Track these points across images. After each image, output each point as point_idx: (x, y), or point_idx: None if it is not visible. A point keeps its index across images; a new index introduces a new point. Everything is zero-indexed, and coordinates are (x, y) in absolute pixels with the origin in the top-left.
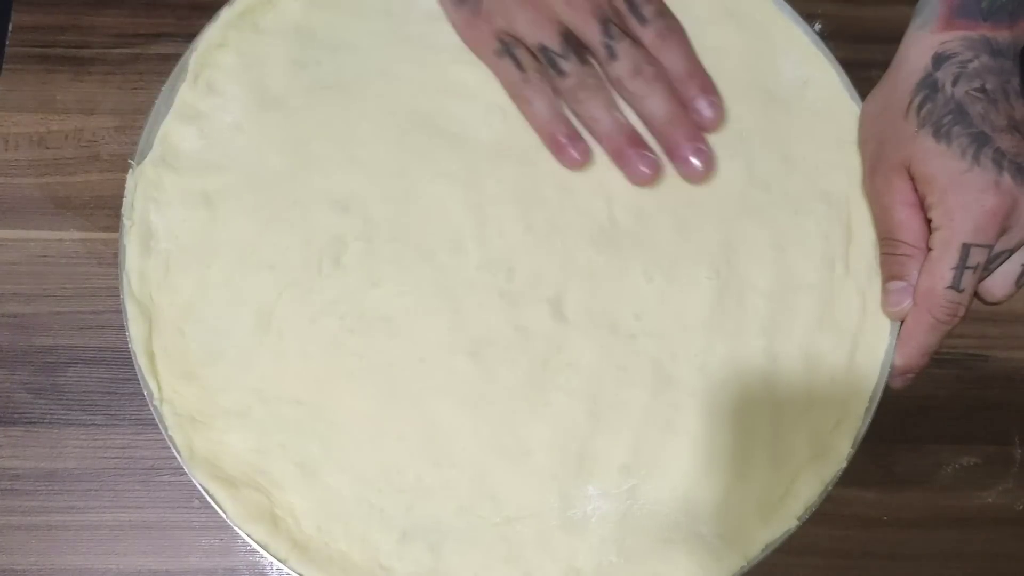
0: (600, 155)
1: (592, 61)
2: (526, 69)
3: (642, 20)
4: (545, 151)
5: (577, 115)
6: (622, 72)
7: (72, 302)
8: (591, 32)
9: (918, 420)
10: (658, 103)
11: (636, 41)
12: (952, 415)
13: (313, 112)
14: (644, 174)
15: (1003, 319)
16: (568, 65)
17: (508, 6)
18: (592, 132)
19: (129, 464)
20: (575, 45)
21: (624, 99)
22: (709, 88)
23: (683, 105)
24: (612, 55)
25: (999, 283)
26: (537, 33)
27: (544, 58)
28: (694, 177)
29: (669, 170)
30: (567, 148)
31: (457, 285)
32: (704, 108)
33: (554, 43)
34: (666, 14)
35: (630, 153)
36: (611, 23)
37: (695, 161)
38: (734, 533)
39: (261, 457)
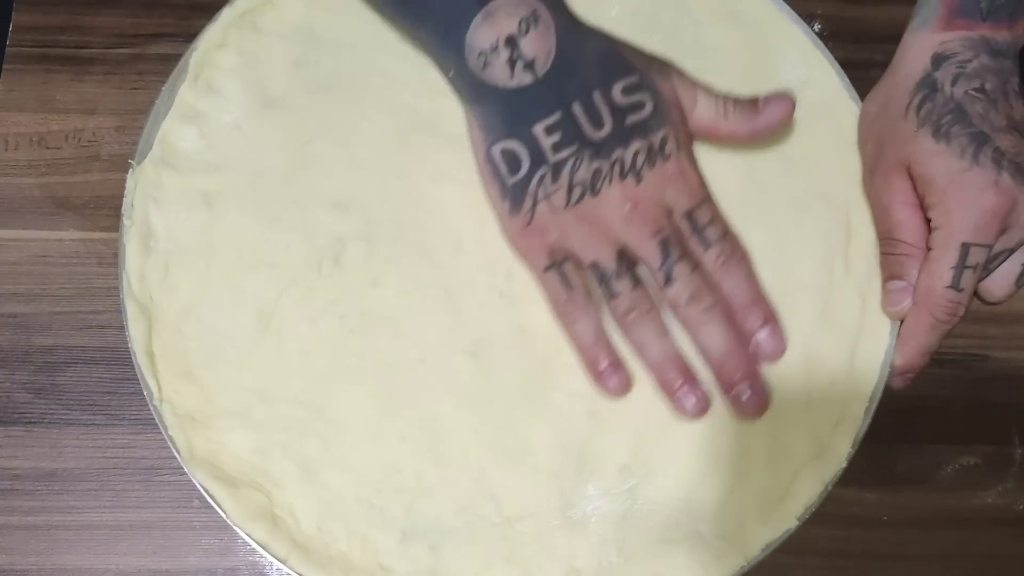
0: None
1: (645, 280)
2: (573, 287)
3: (705, 243)
4: None
5: (627, 338)
6: (679, 297)
7: (72, 302)
8: (649, 253)
9: (918, 420)
10: (715, 334)
11: (696, 263)
12: (952, 415)
13: (313, 112)
14: (692, 410)
15: (1003, 319)
16: (621, 286)
17: (563, 220)
18: (641, 357)
19: (129, 464)
20: (629, 264)
21: (680, 322)
22: (771, 317)
23: (741, 336)
24: (669, 279)
25: (999, 283)
26: (591, 251)
27: (596, 276)
28: (746, 414)
29: None
30: (608, 377)
31: (457, 285)
32: (765, 340)
33: (608, 262)
34: (730, 236)
35: (680, 388)
36: (671, 244)
37: (750, 399)
38: (734, 533)
39: (261, 457)
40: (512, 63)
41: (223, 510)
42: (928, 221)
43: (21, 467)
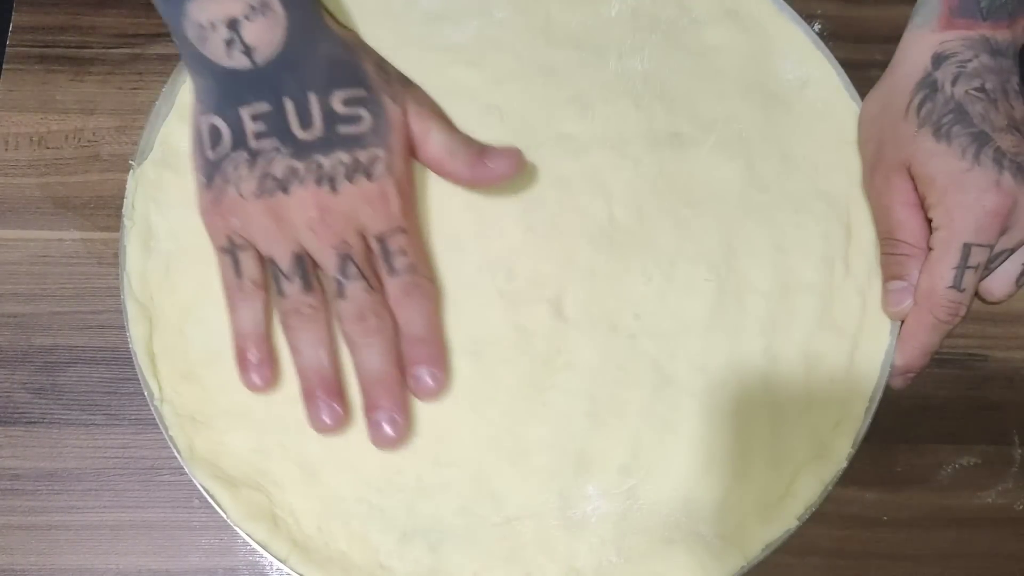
0: (598, 150)
1: (321, 287)
2: (242, 275)
3: (391, 270)
4: (544, 151)
5: (287, 336)
6: (344, 313)
7: (72, 302)
8: (327, 263)
9: (918, 420)
10: (372, 358)
11: (370, 287)
12: (952, 415)
13: None
14: (323, 423)
15: (1003, 319)
16: (290, 288)
17: (249, 210)
18: (294, 361)
19: (129, 464)
20: (305, 269)
21: (344, 340)
22: (438, 360)
23: (399, 367)
24: (341, 293)
25: (999, 282)
26: (270, 246)
27: (271, 271)
28: (380, 443)
29: (669, 166)
30: (250, 369)
31: (457, 285)
32: (424, 377)
33: (283, 261)
34: (419, 271)
35: (317, 399)
36: (351, 261)
37: (387, 429)
38: (734, 533)
39: (261, 457)
40: (229, 44)
41: (223, 510)
42: (929, 221)
43: (21, 467)
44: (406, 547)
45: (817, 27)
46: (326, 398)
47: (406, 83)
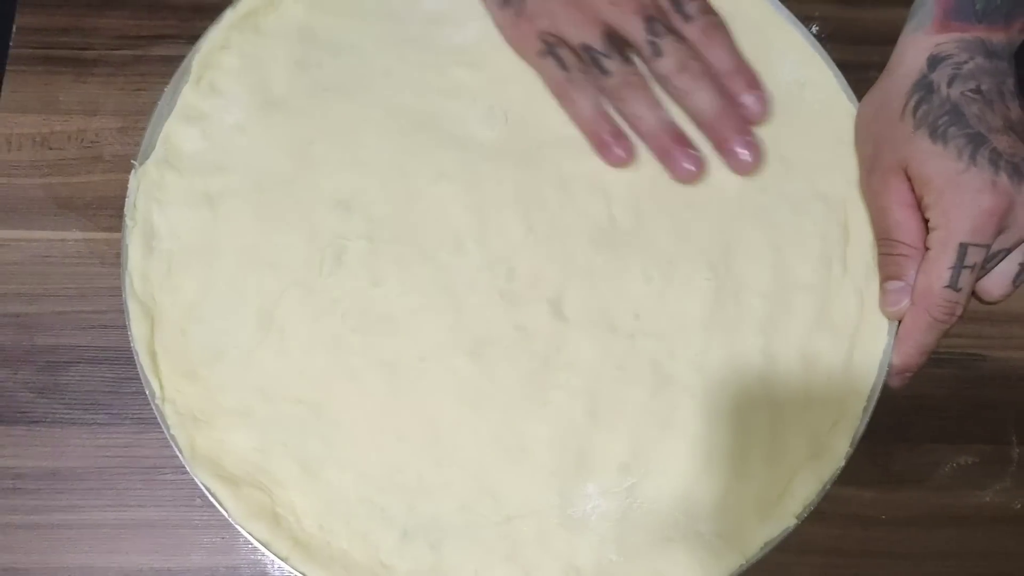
0: (597, 157)
1: (635, 59)
2: (569, 68)
3: (686, 17)
4: (544, 152)
5: (621, 113)
6: (668, 69)
7: (74, 302)
8: (635, 30)
9: (916, 419)
10: (706, 98)
11: (680, 38)
12: (950, 414)
13: (315, 113)
14: (689, 172)
15: (1000, 319)
16: (612, 64)
17: (552, 7)
18: (636, 130)
19: (131, 463)
20: (619, 44)
21: (670, 95)
22: (754, 83)
23: (730, 100)
24: (657, 52)
25: (996, 282)
26: (581, 33)
27: (588, 57)
28: (743, 169)
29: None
30: (612, 147)
31: (458, 285)
32: (751, 102)
33: (597, 42)
34: (709, 11)
35: (676, 152)
36: (655, 20)
37: (745, 153)
38: (733, 531)
39: (263, 456)
40: None
41: (225, 509)
42: (926, 221)
43: (24, 466)
44: (407, 545)
45: (815, 29)
46: (684, 147)
47: None
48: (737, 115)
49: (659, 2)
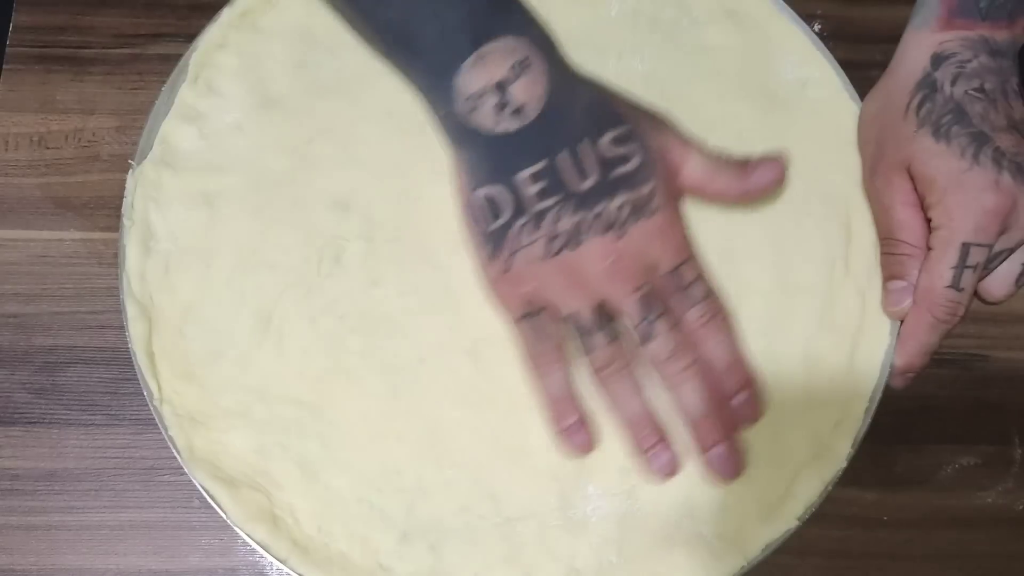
0: None
1: (621, 334)
2: (546, 339)
3: (689, 300)
4: None
5: (601, 393)
6: (659, 353)
7: (72, 302)
8: (630, 309)
9: (918, 420)
10: (694, 394)
11: (677, 320)
12: (952, 415)
13: (313, 113)
14: (662, 471)
15: (1003, 319)
16: (597, 341)
17: (542, 271)
18: (615, 413)
19: (129, 464)
20: (606, 318)
21: (660, 378)
22: (748, 382)
23: (720, 397)
24: (649, 336)
25: (998, 282)
26: (569, 304)
27: (573, 329)
28: (725, 476)
29: None
30: (573, 434)
31: (457, 285)
32: (743, 404)
33: (585, 316)
34: (713, 297)
35: (652, 448)
36: (652, 300)
37: (726, 465)
38: (734, 533)
39: (261, 457)
40: (500, 108)
41: (223, 510)
42: (928, 221)
43: (21, 467)
44: (406, 547)
45: (817, 27)
46: (662, 446)
47: (654, 112)
48: (724, 417)
49: (661, 280)
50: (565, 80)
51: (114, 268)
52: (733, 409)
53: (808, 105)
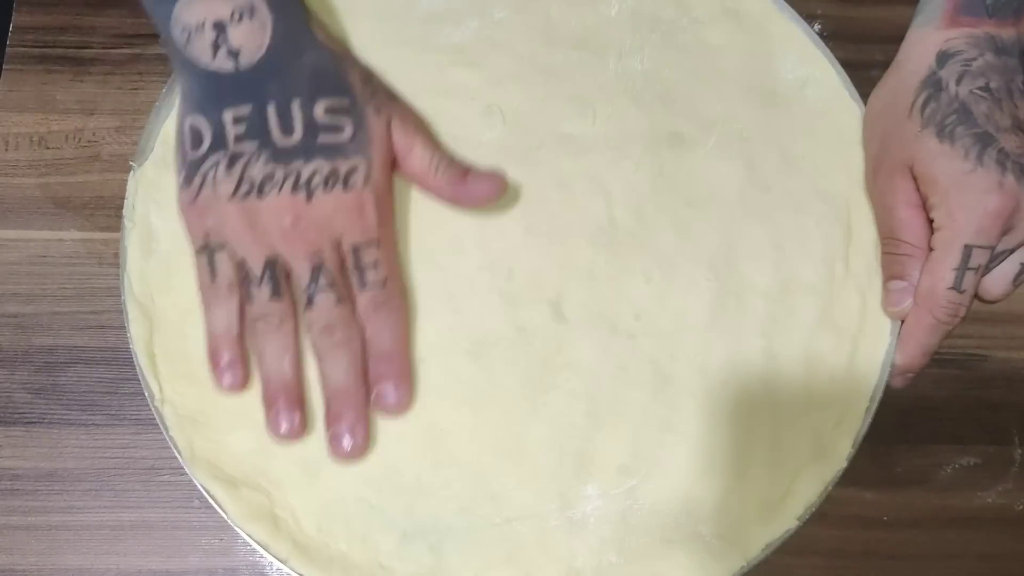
0: (598, 150)
1: (289, 297)
2: (217, 275)
3: (362, 282)
4: (544, 152)
5: (251, 344)
6: (313, 323)
7: (72, 302)
8: (299, 272)
9: (918, 420)
10: (336, 369)
11: (346, 297)
12: (952, 415)
13: None
14: (280, 432)
15: (1003, 319)
16: (259, 293)
17: (225, 211)
18: (258, 365)
19: (129, 464)
20: (276, 275)
21: (311, 348)
22: (402, 376)
23: (364, 381)
24: (310, 304)
25: (996, 281)
26: (242, 249)
27: (240, 275)
28: (338, 456)
29: (669, 166)
30: (223, 373)
31: (458, 285)
32: (389, 393)
33: (254, 265)
34: (391, 285)
35: (277, 407)
36: (322, 270)
37: (346, 443)
38: (734, 533)
39: (262, 457)
40: (216, 47)
41: (223, 510)
42: (931, 222)
43: (21, 467)
44: (406, 548)
45: (817, 27)
46: (286, 407)
47: (392, 97)
48: (359, 401)
49: (342, 254)
50: (295, 38)
51: (114, 268)
52: (377, 395)
53: (808, 104)
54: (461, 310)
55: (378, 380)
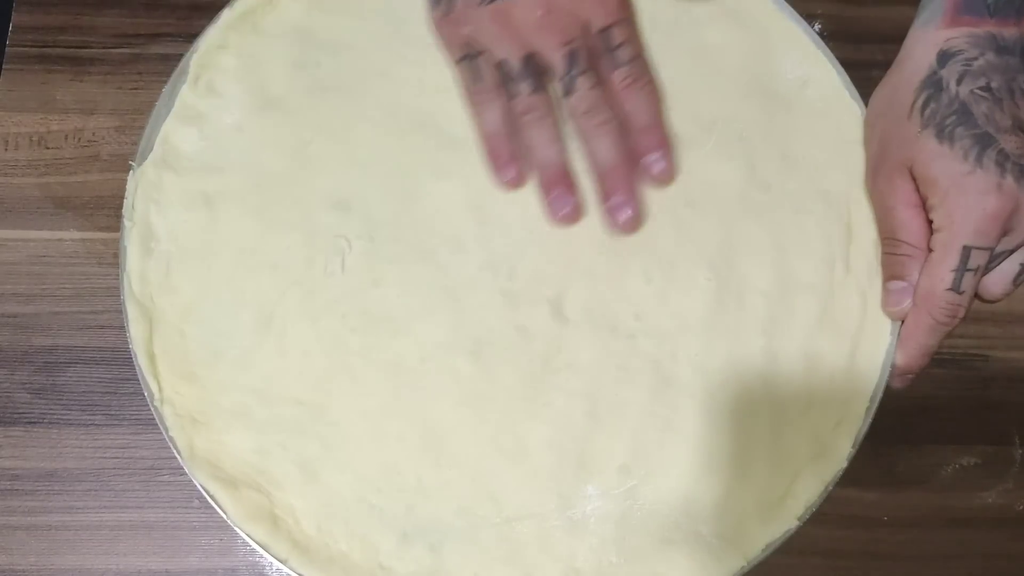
0: None
1: (549, 86)
2: (482, 79)
3: (614, 61)
4: None
5: (520, 138)
6: (577, 107)
7: (72, 302)
8: (555, 61)
9: (918, 420)
10: (604, 148)
11: (601, 79)
12: (952, 415)
13: (314, 113)
14: (562, 215)
15: (1003, 319)
16: (521, 87)
17: (479, 16)
18: (529, 158)
19: (129, 464)
20: (535, 69)
21: (575, 131)
22: (664, 143)
23: (632, 156)
24: (570, 89)
25: (996, 281)
26: (501, 49)
27: (501, 73)
28: (615, 229)
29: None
30: (504, 167)
31: (458, 285)
32: (655, 163)
33: (514, 63)
34: (640, 61)
35: (555, 191)
36: (577, 55)
37: (621, 216)
38: (734, 533)
39: (261, 457)
40: None
41: (223, 510)
42: (930, 222)
43: (21, 467)
44: (406, 547)
45: (817, 27)
46: (565, 190)
47: None
48: (630, 174)
49: (592, 38)
50: None
51: (114, 268)
52: (645, 165)
53: (808, 104)
54: (461, 310)
55: (645, 151)
